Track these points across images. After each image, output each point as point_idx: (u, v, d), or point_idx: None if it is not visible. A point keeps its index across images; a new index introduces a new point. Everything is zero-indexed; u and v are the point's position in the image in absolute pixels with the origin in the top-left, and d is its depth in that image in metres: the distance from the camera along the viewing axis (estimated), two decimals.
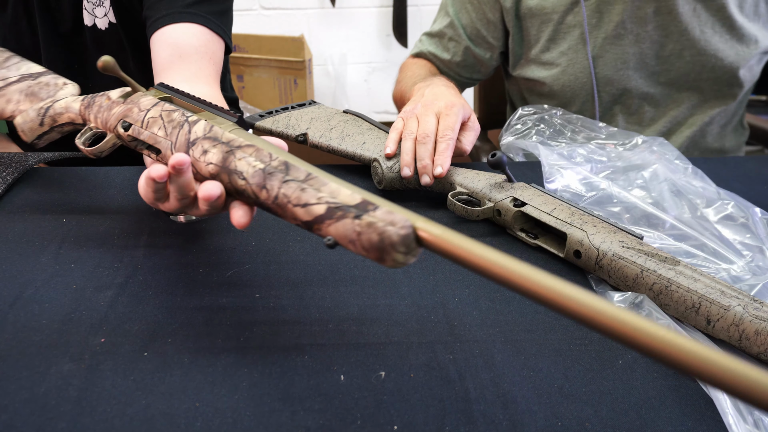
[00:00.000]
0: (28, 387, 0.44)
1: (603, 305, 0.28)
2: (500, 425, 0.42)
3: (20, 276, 0.56)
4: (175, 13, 0.87)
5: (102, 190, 0.73)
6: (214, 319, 0.51)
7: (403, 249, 0.37)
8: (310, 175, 0.42)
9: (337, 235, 0.40)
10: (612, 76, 0.96)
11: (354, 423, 0.42)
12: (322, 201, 0.41)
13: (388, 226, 0.37)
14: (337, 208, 0.40)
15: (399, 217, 0.37)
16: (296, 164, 0.43)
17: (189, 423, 0.41)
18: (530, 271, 0.31)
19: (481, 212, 0.65)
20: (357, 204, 0.39)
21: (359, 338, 0.50)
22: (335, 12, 2.50)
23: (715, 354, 0.26)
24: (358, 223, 0.39)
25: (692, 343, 0.26)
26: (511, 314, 0.53)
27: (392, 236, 0.37)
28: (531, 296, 0.31)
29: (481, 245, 0.33)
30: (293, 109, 0.87)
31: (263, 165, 0.44)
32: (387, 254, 0.38)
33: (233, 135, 0.47)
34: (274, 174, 0.43)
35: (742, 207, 0.67)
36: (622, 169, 0.75)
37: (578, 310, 0.29)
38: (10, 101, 0.68)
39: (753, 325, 0.47)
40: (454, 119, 0.72)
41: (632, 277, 0.54)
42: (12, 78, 0.69)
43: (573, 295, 0.29)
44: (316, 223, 0.41)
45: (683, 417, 0.43)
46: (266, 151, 0.45)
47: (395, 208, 0.39)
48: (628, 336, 0.27)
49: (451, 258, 0.35)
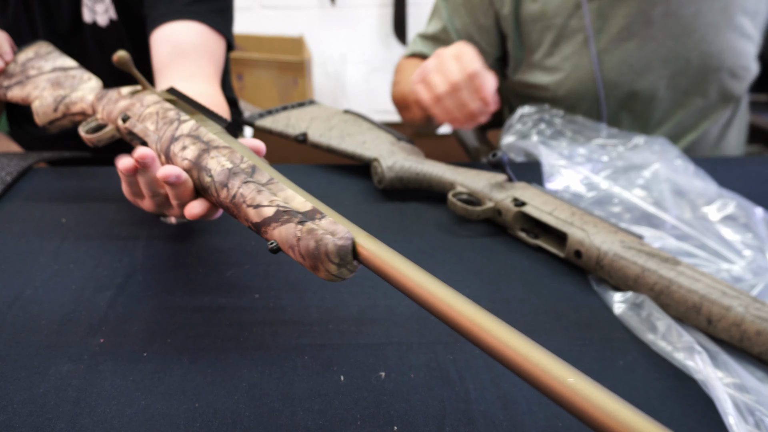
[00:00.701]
0: (27, 387, 0.44)
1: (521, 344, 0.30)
2: (500, 426, 0.42)
3: (19, 276, 0.56)
4: (174, 11, 0.87)
5: (102, 190, 0.73)
6: (214, 319, 0.51)
7: (338, 260, 0.38)
8: (272, 180, 0.43)
9: (280, 239, 0.40)
10: (618, 80, 0.96)
11: (354, 423, 0.42)
12: (273, 204, 0.41)
13: (328, 235, 0.38)
14: (285, 212, 0.40)
15: (341, 229, 0.38)
16: (263, 169, 0.44)
17: (188, 423, 0.41)
18: (456, 299, 0.33)
19: (481, 212, 0.65)
20: (306, 211, 0.40)
21: (359, 338, 0.49)
22: (335, 12, 2.50)
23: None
24: (300, 228, 0.39)
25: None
26: (512, 315, 0.53)
27: (328, 245, 0.37)
28: (451, 324, 0.32)
29: (414, 268, 0.34)
30: (293, 109, 0.87)
31: (231, 165, 0.45)
32: (321, 263, 0.38)
33: (215, 136, 0.49)
34: (238, 174, 0.44)
35: (743, 207, 0.67)
36: (622, 169, 0.75)
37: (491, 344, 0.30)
38: (37, 87, 0.71)
39: (754, 326, 0.47)
40: (471, 54, 0.73)
41: (633, 277, 0.54)
42: (46, 69, 0.73)
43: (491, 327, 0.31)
44: (263, 225, 0.42)
45: (684, 417, 0.43)
46: (239, 154, 0.46)
47: (343, 221, 0.39)
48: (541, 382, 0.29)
49: (384, 277, 0.35)
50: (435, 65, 0.74)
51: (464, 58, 0.72)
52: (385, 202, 0.72)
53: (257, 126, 0.84)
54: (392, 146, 0.75)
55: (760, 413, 0.42)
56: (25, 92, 0.72)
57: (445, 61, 0.73)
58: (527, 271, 0.59)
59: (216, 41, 0.90)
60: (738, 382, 0.44)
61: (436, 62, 0.74)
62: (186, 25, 0.87)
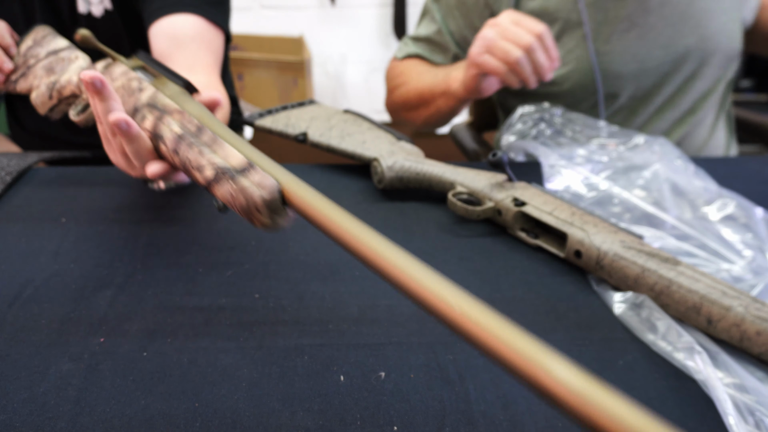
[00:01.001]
0: (28, 387, 0.44)
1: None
2: (500, 426, 0.42)
3: (19, 276, 0.56)
4: (170, 5, 0.88)
5: (102, 190, 0.73)
6: (214, 319, 0.51)
7: (267, 211, 0.39)
8: (214, 139, 0.45)
9: (223, 198, 0.43)
10: (621, 70, 0.96)
11: (354, 423, 0.42)
12: (212, 164, 0.43)
13: (256, 188, 0.39)
14: (223, 171, 0.42)
15: (268, 182, 0.39)
16: (208, 127, 0.46)
17: (188, 423, 0.41)
18: (386, 247, 0.34)
19: (481, 212, 0.65)
20: (240, 167, 0.41)
21: (359, 338, 0.49)
22: (335, 12, 2.50)
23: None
24: (233, 186, 0.41)
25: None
26: (512, 314, 0.53)
27: (256, 199, 0.39)
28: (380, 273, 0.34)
29: (342, 213, 0.35)
30: (293, 108, 0.87)
31: (181, 131, 0.47)
32: (254, 216, 0.40)
33: (170, 101, 0.50)
34: (184, 138, 0.46)
35: (743, 207, 0.67)
36: (622, 170, 0.75)
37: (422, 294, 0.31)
38: (36, 77, 0.72)
39: (754, 326, 0.47)
40: (526, 16, 0.76)
41: (633, 277, 0.54)
42: (42, 55, 0.73)
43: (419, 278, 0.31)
44: (210, 187, 0.44)
45: (684, 418, 0.43)
46: (188, 116, 0.48)
47: (275, 168, 0.40)
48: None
49: (313, 222, 0.36)
50: (498, 34, 0.76)
51: (524, 21, 0.76)
52: (385, 202, 0.72)
53: (257, 126, 0.84)
54: (392, 146, 0.75)
55: (760, 413, 0.42)
56: (27, 84, 0.73)
57: (508, 28, 0.75)
58: (527, 271, 0.59)
59: (213, 33, 0.91)
60: (738, 382, 0.44)
61: (497, 31, 0.76)
62: (183, 18, 0.88)
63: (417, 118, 1.01)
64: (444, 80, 0.90)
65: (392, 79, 1.05)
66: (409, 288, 0.31)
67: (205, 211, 0.69)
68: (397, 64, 1.06)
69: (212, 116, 0.49)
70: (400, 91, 1.02)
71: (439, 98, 0.92)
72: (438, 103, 0.93)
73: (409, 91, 0.99)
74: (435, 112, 0.95)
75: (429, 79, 0.95)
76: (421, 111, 0.99)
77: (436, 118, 0.97)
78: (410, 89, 0.99)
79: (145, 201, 0.71)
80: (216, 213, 0.68)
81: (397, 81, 1.03)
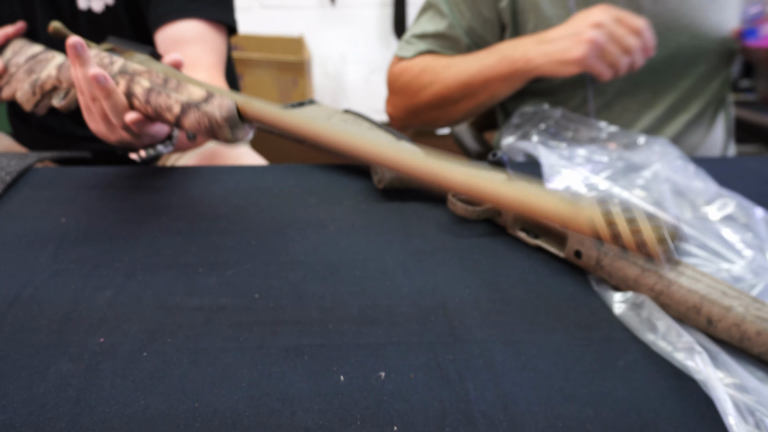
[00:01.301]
0: (27, 387, 0.44)
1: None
2: (500, 426, 0.42)
3: (19, 276, 0.56)
4: (174, 10, 0.90)
5: (102, 190, 0.73)
6: (214, 319, 0.51)
7: (228, 125, 0.50)
8: (178, 84, 0.54)
9: (191, 126, 0.53)
10: None
11: (354, 423, 0.42)
12: (177, 102, 0.53)
13: (216, 110, 0.50)
14: (188, 105, 0.52)
15: (226, 102, 0.50)
16: (172, 77, 0.55)
17: (188, 423, 0.41)
18: (318, 124, 0.44)
19: (481, 212, 0.65)
20: (202, 98, 0.51)
21: (359, 338, 0.49)
22: (335, 12, 2.50)
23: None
24: (198, 113, 0.51)
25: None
26: (512, 315, 0.53)
27: (217, 118, 0.49)
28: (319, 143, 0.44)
29: (287, 111, 0.46)
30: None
31: (150, 84, 0.56)
32: (217, 132, 0.51)
33: (138, 65, 0.59)
34: (154, 89, 0.55)
35: (743, 207, 0.67)
36: (622, 170, 0.75)
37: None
38: (19, 81, 0.78)
39: (754, 326, 0.46)
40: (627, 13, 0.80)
41: (633, 277, 0.54)
42: (21, 62, 0.78)
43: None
44: (179, 121, 0.54)
45: (684, 418, 0.43)
46: (155, 72, 0.57)
47: (230, 95, 0.51)
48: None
49: (268, 125, 0.48)
50: (607, 37, 0.79)
51: (626, 20, 0.79)
52: (385, 202, 0.72)
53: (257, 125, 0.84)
54: None
55: (760, 413, 0.42)
56: (12, 89, 0.78)
57: (614, 30, 0.79)
58: (527, 271, 0.59)
59: (216, 33, 0.94)
60: (738, 382, 0.44)
61: (605, 33, 0.79)
62: (185, 23, 0.90)
63: (453, 112, 0.97)
64: (506, 61, 0.88)
65: (412, 81, 0.99)
66: (341, 145, 0.43)
67: (205, 212, 0.69)
68: (412, 64, 1.01)
69: (175, 70, 0.58)
70: (433, 88, 0.96)
71: (496, 83, 0.89)
72: (493, 89, 0.90)
73: (447, 86, 0.94)
74: (485, 98, 0.92)
75: (475, 67, 0.91)
76: (462, 103, 0.95)
77: (483, 105, 0.94)
78: (449, 83, 0.93)
79: (145, 201, 0.71)
80: (216, 213, 0.68)
81: (423, 80, 0.97)
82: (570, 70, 0.82)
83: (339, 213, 0.69)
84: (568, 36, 0.82)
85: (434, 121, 1.02)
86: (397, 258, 0.61)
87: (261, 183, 0.76)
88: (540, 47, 0.85)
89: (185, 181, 0.76)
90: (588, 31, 0.79)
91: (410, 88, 0.99)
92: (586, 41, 0.79)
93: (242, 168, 0.82)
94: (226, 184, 0.75)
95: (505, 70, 0.88)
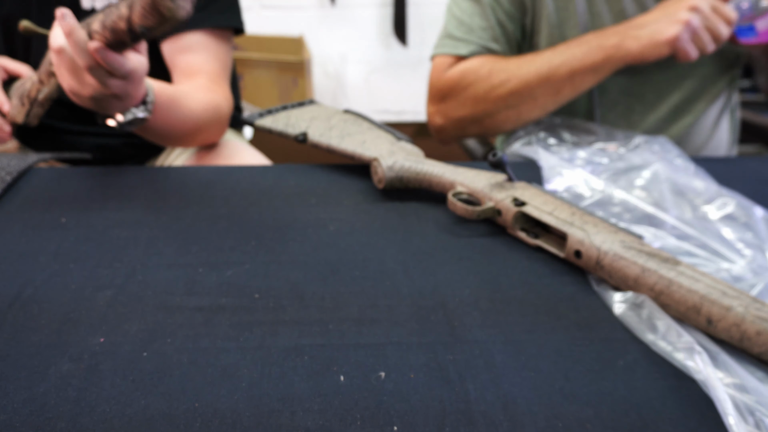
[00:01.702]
0: (27, 387, 0.44)
1: None
2: (500, 426, 0.42)
3: (19, 276, 0.56)
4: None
5: (102, 190, 0.73)
6: (214, 319, 0.51)
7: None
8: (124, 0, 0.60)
9: (140, 19, 0.58)
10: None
11: (354, 423, 0.42)
12: (123, 6, 0.59)
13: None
14: (131, 4, 0.58)
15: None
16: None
17: (188, 423, 0.41)
18: None
19: (481, 212, 0.65)
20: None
21: (359, 338, 0.49)
22: (335, 12, 2.50)
23: None
24: (141, 1, 0.57)
25: None
26: (512, 315, 0.53)
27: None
28: None
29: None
30: (293, 108, 0.87)
31: (103, 17, 0.62)
32: (161, 6, 0.56)
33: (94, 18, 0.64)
34: (107, 16, 0.62)
35: (743, 206, 0.67)
36: (622, 171, 0.75)
37: None
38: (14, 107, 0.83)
39: (754, 326, 0.46)
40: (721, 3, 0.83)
41: (633, 277, 0.54)
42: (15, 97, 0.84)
43: None
44: (131, 22, 0.59)
45: (684, 418, 0.43)
46: (107, 10, 0.62)
47: None
48: None
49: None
50: (702, 22, 0.81)
51: (721, 9, 0.81)
52: (385, 202, 0.72)
53: (257, 126, 0.84)
54: (392, 146, 0.75)
55: (760, 413, 0.42)
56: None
57: (710, 17, 0.81)
58: (527, 271, 0.59)
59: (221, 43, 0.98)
60: (738, 382, 0.44)
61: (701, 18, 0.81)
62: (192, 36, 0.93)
63: (528, 111, 0.92)
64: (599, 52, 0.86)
65: (480, 81, 0.93)
66: None
67: (206, 212, 0.69)
68: (475, 66, 0.94)
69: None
70: (508, 85, 0.90)
71: (585, 74, 0.87)
72: (578, 81, 0.88)
73: (527, 81, 0.89)
74: (569, 92, 0.89)
75: (559, 59, 0.88)
76: (542, 99, 0.91)
77: (557, 103, 0.91)
78: (529, 77, 0.89)
79: (146, 201, 0.71)
80: (216, 213, 0.68)
81: (494, 80, 0.91)
82: (661, 51, 0.82)
83: (339, 213, 0.69)
84: (662, 18, 0.83)
85: (502, 124, 0.95)
86: (397, 258, 0.61)
87: (261, 183, 0.76)
88: (633, 32, 0.85)
89: (185, 181, 0.76)
90: (683, 13, 0.81)
91: (478, 91, 0.93)
92: (681, 22, 0.80)
93: (242, 168, 0.82)
94: (226, 184, 0.75)
95: (596, 59, 0.86)
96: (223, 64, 0.95)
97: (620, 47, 0.85)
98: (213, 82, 0.92)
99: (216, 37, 0.94)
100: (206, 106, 0.88)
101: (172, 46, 0.93)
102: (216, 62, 0.93)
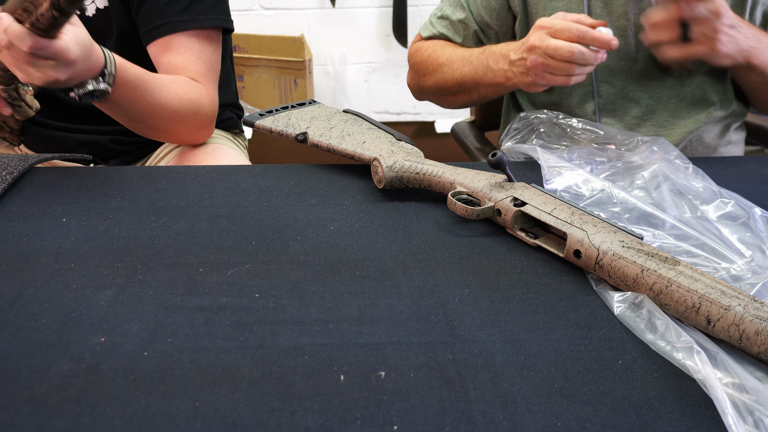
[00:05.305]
0: (28, 386, 0.44)
1: None
2: (500, 425, 0.42)
3: (20, 275, 0.56)
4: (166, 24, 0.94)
5: (102, 190, 0.73)
6: (214, 319, 0.51)
7: None
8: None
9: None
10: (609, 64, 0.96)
11: (354, 423, 0.42)
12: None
13: None
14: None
15: None
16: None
17: (188, 423, 0.41)
18: None
19: (481, 212, 0.65)
20: None
21: (359, 338, 0.49)
22: (335, 12, 2.50)
23: None
24: None
25: None
26: (511, 314, 0.53)
27: None
28: None
29: None
30: (293, 109, 0.87)
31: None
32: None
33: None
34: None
35: (743, 206, 0.67)
36: (622, 170, 0.75)
37: None
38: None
39: (753, 325, 0.47)
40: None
41: (632, 276, 0.54)
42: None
43: None
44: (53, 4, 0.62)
45: (683, 417, 0.43)
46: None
47: None
48: None
49: None
50: (542, 55, 0.81)
51: (565, 29, 0.79)
52: (385, 202, 0.72)
53: (257, 126, 0.84)
54: (392, 146, 0.75)
55: (759, 413, 0.42)
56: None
57: (548, 45, 0.80)
58: (527, 271, 0.59)
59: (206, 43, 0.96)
60: (737, 381, 0.44)
61: (540, 53, 0.81)
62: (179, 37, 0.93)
63: (453, 102, 1.05)
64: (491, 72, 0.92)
65: (420, 64, 1.06)
66: None
67: (206, 212, 0.69)
68: (426, 46, 1.07)
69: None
70: (434, 77, 1.03)
71: (484, 88, 0.95)
72: (482, 92, 0.97)
73: (445, 80, 1.01)
74: (478, 97, 0.99)
75: (467, 69, 0.96)
76: (459, 97, 1.02)
77: (479, 101, 1.02)
78: (446, 78, 1.00)
79: (146, 201, 0.71)
80: (216, 213, 0.68)
81: (428, 66, 1.04)
82: (534, 90, 0.86)
83: (339, 213, 0.69)
84: (520, 60, 0.85)
85: (438, 104, 1.10)
86: (397, 258, 0.61)
87: (261, 183, 0.76)
88: (510, 67, 0.88)
89: (185, 181, 0.76)
90: (527, 56, 0.82)
91: (419, 70, 1.07)
92: (528, 68, 0.83)
93: (242, 168, 0.82)
94: (226, 184, 0.76)
95: (490, 80, 0.92)
96: (208, 65, 0.95)
97: (507, 79, 0.89)
98: (198, 82, 0.92)
99: (200, 38, 0.94)
100: (182, 98, 0.88)
101: (157, 48, 0.94)
102: (199, 63, 0.94)
